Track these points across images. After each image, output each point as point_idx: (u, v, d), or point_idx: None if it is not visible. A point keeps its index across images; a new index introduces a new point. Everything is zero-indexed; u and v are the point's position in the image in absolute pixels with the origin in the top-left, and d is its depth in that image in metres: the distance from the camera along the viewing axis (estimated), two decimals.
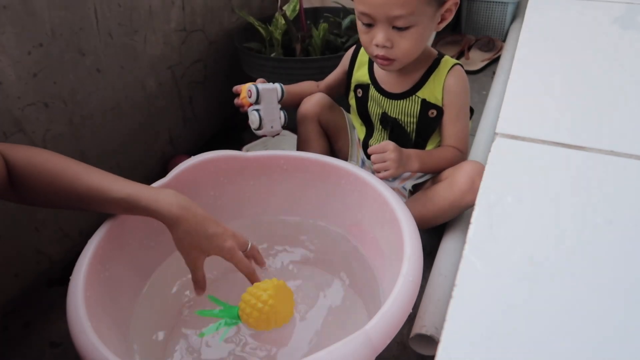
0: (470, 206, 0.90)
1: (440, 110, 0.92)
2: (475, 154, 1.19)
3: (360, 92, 1.00)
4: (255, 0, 1.46)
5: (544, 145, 0.46)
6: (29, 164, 0.63)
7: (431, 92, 0.92)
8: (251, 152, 0.89)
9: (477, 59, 1.84)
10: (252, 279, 0.72)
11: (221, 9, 1.32)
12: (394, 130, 0.97)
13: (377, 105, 0.97)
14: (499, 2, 1.91)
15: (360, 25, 0.85)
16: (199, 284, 0.71)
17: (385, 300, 0.58)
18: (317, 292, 0.85)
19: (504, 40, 1.92)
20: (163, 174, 1.25)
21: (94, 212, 0.70)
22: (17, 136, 0.84)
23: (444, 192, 0.90)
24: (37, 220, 0.92)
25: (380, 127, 0.99)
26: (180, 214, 0.66)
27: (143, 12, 1.06)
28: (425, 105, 0.92)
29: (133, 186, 0.68)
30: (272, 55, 1.29)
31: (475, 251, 0.35)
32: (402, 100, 0.94)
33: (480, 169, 0.88)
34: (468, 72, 1.77)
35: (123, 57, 1.03)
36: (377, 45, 0.83)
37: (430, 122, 0.94)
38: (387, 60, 0.85)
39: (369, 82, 0.97)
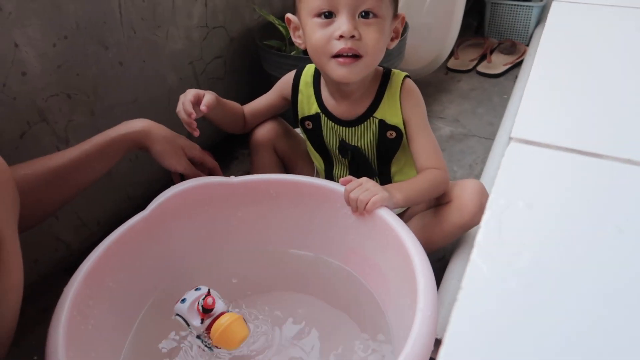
0: (478, 224, 0.87)
1: (399, 132, 0.86)
2: (492, 158, 1.18)
3: (309, 124, 0.92)
4: None
5: (559, 152, 0.45)
6: (19, 178, 0.66)
7: (388, 111, 0.85)
8: (237, 178, 0.86)
9: (499, 62, 1.82)
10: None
11: (243, 7, 1.32)
12: (354, 158, 0.91)
13: (333, 133, 0.90)
14: (524, 6, 1.89)
15: (313, 23, 0.76)
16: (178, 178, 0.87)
17: (403, 337, 0.56)
18: (318, 326, 0.81)
19: (527, 44, 1.89)
20: None
21: (89, 179, 0.77)
22: (40, 125, 0.86)
23: (453, 217, 0.85)
24: None
25: (340, 156, 0.92)
26: (148, 127, 0.81)
27: (166, 8, 1.07)
28: (384, 126, 0.86)
29: (97, 136, 0.78)
30: (292, 53, 1.30)
31: (483, 255, 0.35)
32: (359, 126, 0.87)
33: (483, 189, 0.85)
34: (489, 76, 1.76)
35: (145, 51, 1.05)
36: (341, 37, 0.74)
37: (390, 143, 0.88)
38: (352, 58, 0.75)
39: (319, 111, 0.90)
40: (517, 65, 1.81)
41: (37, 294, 0.94)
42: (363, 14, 0.75)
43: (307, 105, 0.91)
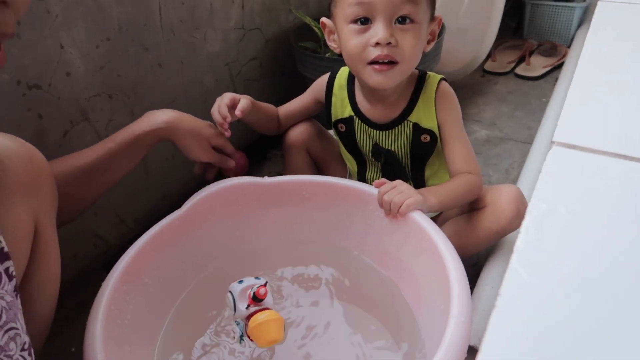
0: (515, 230, 0.85)
1: (433, 135, 0.85)
2: (531, 163, 1.15)
3: (342, 127, 0.92)
4: (313, 0, 1.47)
5: (604, 156, 0.44)
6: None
7: (423, 115, 0.84)
8: (270, 179, 0.86)
9: (538, 64, 1.77)
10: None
11: (279, 9, 1.34)
12: (388, 162, 0.90)
13: (367, 137, 0.90)
14: (566, 7, 1.84)
15: (349, 30, 0.76)
16: (224, 162, 0.88)
17: (435, 343, 0.56)
18: (344, 326, 0.80)
19: (568, 47, 1.84)
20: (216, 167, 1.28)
21: (118, 176, 0.78)
22: (82, 125, 0.89)
23: (488, 223, 0.83)
24: (96, 206, 0.96)
25: (373, 159, 0.92)
26: (174, 120, 0.81)
27: (204, 10, 1.09)
28: (418, 130, 0.85)
29: (121, 131, 0.78)
30: (327, 55, 1.30)
31: (523, 261, 0.34)
32: (393, 129, 0.86)
33: (521, 194, 0.83)
34: (528, 78, 1.72)
35: (183, 53, 1.07)
36: (377, 44, 0.74)
37: (424, 147, 0.87)
38: (388, 65, 0.75)
39: (352, 114, 0.89)
40: (558, 67, 1.76)
41: (76, 288, 0.97)
42: (400, 19, 0.74)
43: (341, 108, 0.92)
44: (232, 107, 0.85)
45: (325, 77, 0.94)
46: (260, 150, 1.38)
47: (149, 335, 0.74)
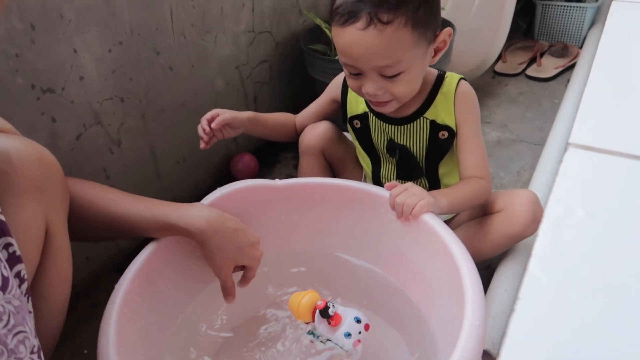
0: (530, 235, 0.85)
1: (451, 131, 0.84)
2: (543, 165, 1.14)
3: (357, 124, 0.92)
4: (324, 2, 1.47)
5: (621, 158, 0.43)
6: (75, 196, 0.66)
7: (440, 111, 0.84)
8: (281, 181, 0.86)
9: (549, 65, 1.76)
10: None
11: (289, 11, 1.34)
12: (402, 157, 0.90)
13: (382, 132, 0.89)
14: (577, 7, 1.82)
15: (346, 71, 0.78)
16: (229, 291, 0.73)
17: (449, 347, 0.56)
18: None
19: (580, 47, 1.82)
20: (226, 170, 1.29)
21: (134, 238, 0.72)
22: (95, 128, 0.90)
23: (504, 227, 0.83)
24: None
25: (387, 155, 0.91)
26: (209, 231, 0.68)
27: (215, 14, 1.10)
28: (435, 127, 0.85)
29: (161, 206, 0.70)
30: (337, 57, 1.30)
31: (541, 265, 0.34)
32: (409, 125, 0.86)
33: (537, 199, 0.83)
34: (539, 80, 1.71)
35: (194, 56, 1.07)
36: (368, 94, 0.77)
37: (441, 144, 0.86)
38: (383, 103, 0.79)
39: (367, 110, 0.89)
40: (569, 68, 1.74)
41: (88, 290, 0.98)
42: (386, 76, 0.75)
43: (356, 105, 0.92)
44: (212, 121, 0.88)
45: (341, 76, 0.95)
46: (271, 153, 1.38)
47: (162, 338, 0.74)
